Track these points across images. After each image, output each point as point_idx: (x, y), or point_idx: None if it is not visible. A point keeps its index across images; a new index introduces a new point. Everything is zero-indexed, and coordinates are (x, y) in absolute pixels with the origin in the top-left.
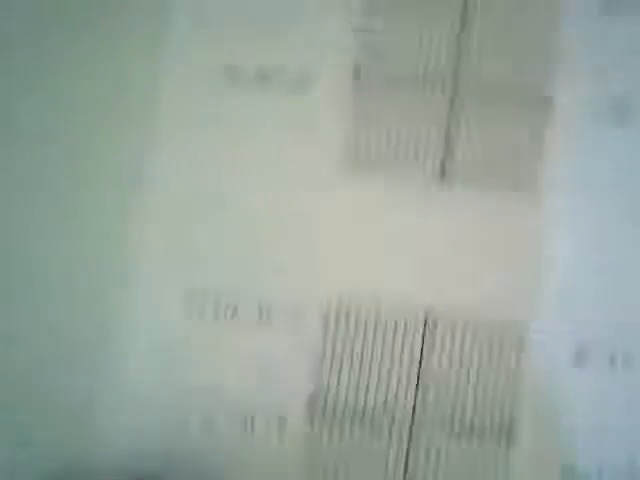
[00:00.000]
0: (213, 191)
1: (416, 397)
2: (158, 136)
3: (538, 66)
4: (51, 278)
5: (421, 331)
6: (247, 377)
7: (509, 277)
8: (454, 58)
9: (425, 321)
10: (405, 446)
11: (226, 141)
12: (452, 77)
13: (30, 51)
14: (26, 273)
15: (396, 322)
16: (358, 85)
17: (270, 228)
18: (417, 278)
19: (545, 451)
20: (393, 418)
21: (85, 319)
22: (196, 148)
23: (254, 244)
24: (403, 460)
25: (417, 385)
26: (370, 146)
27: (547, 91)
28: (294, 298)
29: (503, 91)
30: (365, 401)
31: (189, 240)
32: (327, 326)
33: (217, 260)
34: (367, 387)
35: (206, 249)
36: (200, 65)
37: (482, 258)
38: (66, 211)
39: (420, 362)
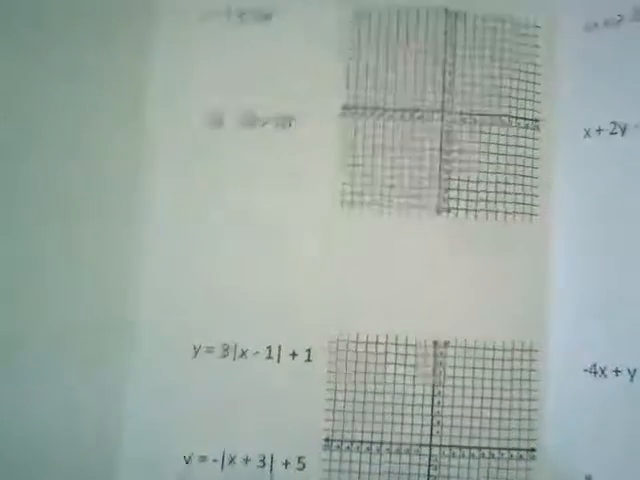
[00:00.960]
0: (211, 235)
1: (432, 424)
2: (151, 186)
3: (523, 89)
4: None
5: (432, 358)
6: (262, 416)
7: (516, 299)
8: (442, 90)
9: (435, 348)
10: (426, 471)
11: (220, 186)
12: (441, 109)
13: None
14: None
15: (407, 351)
16: (347, 122)
17: (272, 268)
18: (424, 307)
19: (566, 463)
20: (411, 446)
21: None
22: (189, 198)
23: (259, 285)
24: None
25: (432, 411)
26: (365, 182)
27: (535, 114)
28: (303, 337)
29: (491, 117)
30: (382, 432)
31: (193, 283)
32: (338, 362)
33: (223, 301)
34: (383, 417)
35: (209, 290)
36: (185, 110)
37: (487, 283)
38: (64, 268)
39: (433, 387)
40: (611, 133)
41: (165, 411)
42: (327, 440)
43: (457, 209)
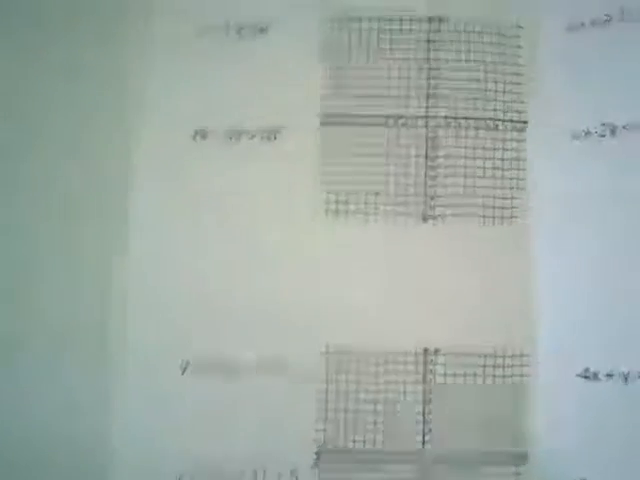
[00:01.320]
0: (197, 248)
1: (424, 431)
2: (136, 203)
3: (508, 91)
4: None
5: (422, 366)
6: (254, 429)
7: (506, 304)
8: (425, 95)
9: (425, 356)
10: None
11: (204, 205)
12: (425, 114)
13: None
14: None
15: (397, 359)
16: (329, 132)
17: (259, 280)
18: (413, 315)
19: (560, 468)
20: (404, 454)
21: (82, 381)
22: (176, 217)
23: (247, 298)
24: None
25: (424, 419)
26: (350, 190)
27: (522, 116)
28: (293, 348)
29: (477, 121)
30: (374, 441)
31: (180, 298)
32: (328, 372)
33: (212, 315)
34: (375, 426)
35: (197, 304)
36: (177, 122)
37: (475, 289)
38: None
39: (424, 395)
40: (600, 135)
41: (156, 428)
42: (319, 452)
43: (444, 215)
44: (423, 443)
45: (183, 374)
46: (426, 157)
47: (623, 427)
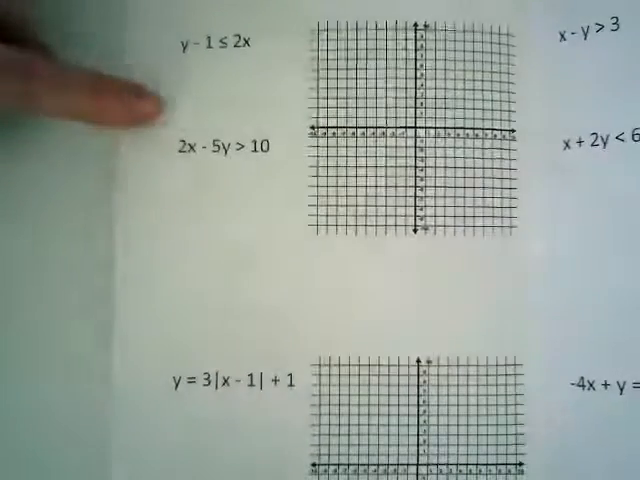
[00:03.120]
0: (188, 264)
1: (419, 443)
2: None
3: (497, 100)
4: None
5: (415, 377)
6: (248, 445)
7: (498, 314)
8: (414, 105)
9: (418, 367)
10: None
11: (193, 218)
12: (414, 124)
13: None
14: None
15: (389, 371)
16: (318, 142)
17: (249, 294)
18: (405, 326)
19: (556, 478)
20: (398, 466)
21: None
22: (167, 227)
23: (237, 312)
24: None
25: (418, 430)
26: (339, 202)
27: (512, 125)
28: (284, 362)
29: (466, 130)
30: (368, 454)
31: (172, 314)
32: (321, 385)
33: (202, 330)
34: (369, 439)
35: (187, 320)
36: (161, 136)
37: (468, 299)
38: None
39: (418, 406)
40: (592, 145)
41: (149, 447)
42: (314, 465)
43: (434, 226)
44: (418, 455)
45: (177, 388)
46: (415, 167)
47: (620, 437)
